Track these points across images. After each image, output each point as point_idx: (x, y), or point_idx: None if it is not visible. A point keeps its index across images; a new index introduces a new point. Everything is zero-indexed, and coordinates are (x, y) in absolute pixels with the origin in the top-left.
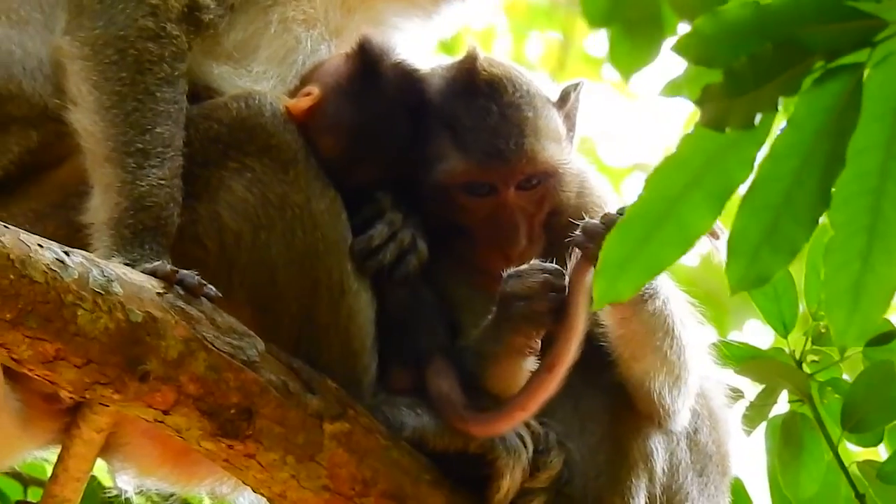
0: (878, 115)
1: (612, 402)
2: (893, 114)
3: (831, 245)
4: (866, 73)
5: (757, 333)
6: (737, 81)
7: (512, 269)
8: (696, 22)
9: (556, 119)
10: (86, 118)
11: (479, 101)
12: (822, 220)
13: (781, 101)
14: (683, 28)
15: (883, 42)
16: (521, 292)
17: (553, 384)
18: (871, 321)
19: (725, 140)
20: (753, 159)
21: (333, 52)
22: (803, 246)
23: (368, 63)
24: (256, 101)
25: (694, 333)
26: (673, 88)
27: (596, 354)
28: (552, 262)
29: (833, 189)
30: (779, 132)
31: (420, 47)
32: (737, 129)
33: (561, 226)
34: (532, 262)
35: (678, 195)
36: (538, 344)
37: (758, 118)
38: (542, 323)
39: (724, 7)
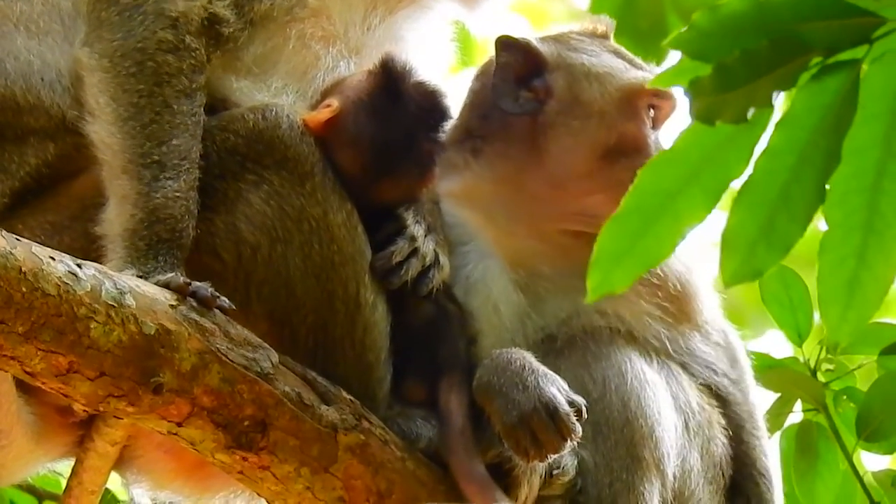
0: (875, 112)
1: (625, 406)
2: (890, 111)
3: (826, 242)
4: (864, 69)
5: (776, 344)
6: (727, 76)
7: (541, 399)
8: (694, 16)
9: None
10: (103, 130)
11: None
12: None
13: (780, 96)
14: None
15: (881, 39)
16: (526, 419)
17: None
18: (865, 318)
19: (722, 135)
20: (750, 154)
21: (353, 70)
22: (797, 242)
23: (391, 79)
24: (273, 113)
25: None
26: (664, 80)
27: (605, 356)
28: None
29: (829, 186)
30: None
31: (439, 59)
32: (728, 123)
33: None
34: (564, 405)
35: (674, 189)
36: None
37: (751, 113)
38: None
39: (721, 2)
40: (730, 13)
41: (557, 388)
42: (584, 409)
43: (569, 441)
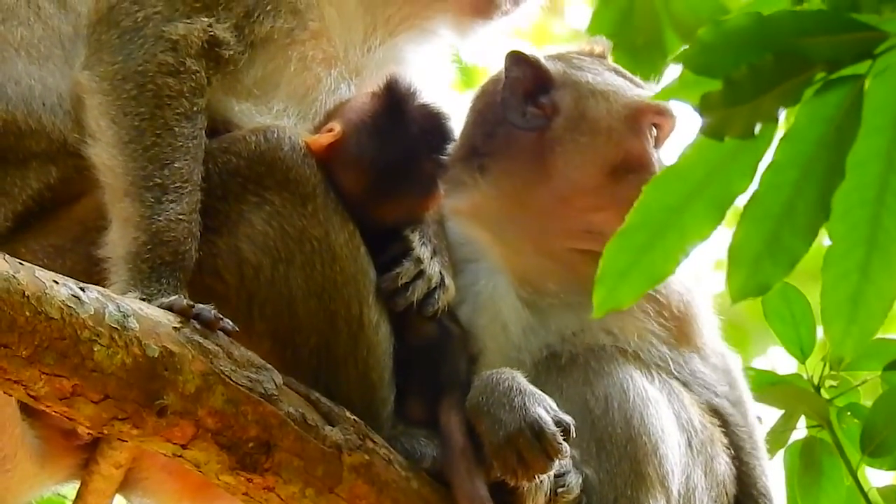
0: (878, 126)
1: (628, 424)
2: (893, 125)
3: (830, 256)
4: (867, 84)
5: (780, 360)
6: (736, 91)
7: (533, 427)
8: (699, 32)
9: None
10: (104, 153)
11: None
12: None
13: (783, 111)
14: None
15: (883, 54)
16: (512, 438)
17: None
18: (868, 333)
19: (727, 150)
20: (755, 169)
21: (354, 92)
22: (802, 257)
23: (394, 102)
24: (275, 135)
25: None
26: (667, 94)
27: (607, 373)
28: None
29: (832, 200)
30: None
31: (439, 81)
32: (736, 138)
33: None
34: (550, 425)
35: (680, 204)
36: None
37: (758, 128)
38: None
39: (726, 17)
40: (733, 28)
41: (544, 408)
42: (571, 428)
43: (555, 461)
